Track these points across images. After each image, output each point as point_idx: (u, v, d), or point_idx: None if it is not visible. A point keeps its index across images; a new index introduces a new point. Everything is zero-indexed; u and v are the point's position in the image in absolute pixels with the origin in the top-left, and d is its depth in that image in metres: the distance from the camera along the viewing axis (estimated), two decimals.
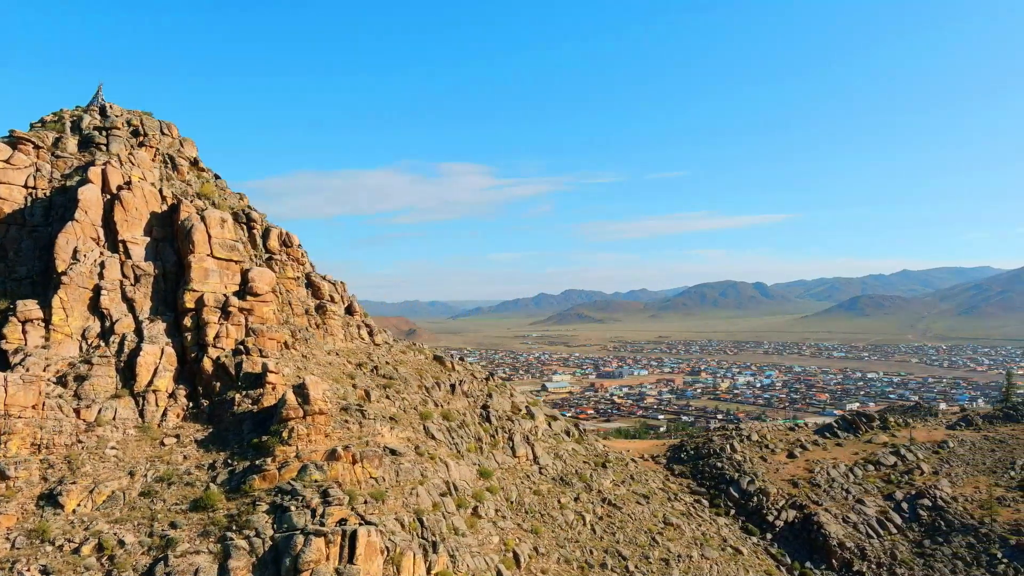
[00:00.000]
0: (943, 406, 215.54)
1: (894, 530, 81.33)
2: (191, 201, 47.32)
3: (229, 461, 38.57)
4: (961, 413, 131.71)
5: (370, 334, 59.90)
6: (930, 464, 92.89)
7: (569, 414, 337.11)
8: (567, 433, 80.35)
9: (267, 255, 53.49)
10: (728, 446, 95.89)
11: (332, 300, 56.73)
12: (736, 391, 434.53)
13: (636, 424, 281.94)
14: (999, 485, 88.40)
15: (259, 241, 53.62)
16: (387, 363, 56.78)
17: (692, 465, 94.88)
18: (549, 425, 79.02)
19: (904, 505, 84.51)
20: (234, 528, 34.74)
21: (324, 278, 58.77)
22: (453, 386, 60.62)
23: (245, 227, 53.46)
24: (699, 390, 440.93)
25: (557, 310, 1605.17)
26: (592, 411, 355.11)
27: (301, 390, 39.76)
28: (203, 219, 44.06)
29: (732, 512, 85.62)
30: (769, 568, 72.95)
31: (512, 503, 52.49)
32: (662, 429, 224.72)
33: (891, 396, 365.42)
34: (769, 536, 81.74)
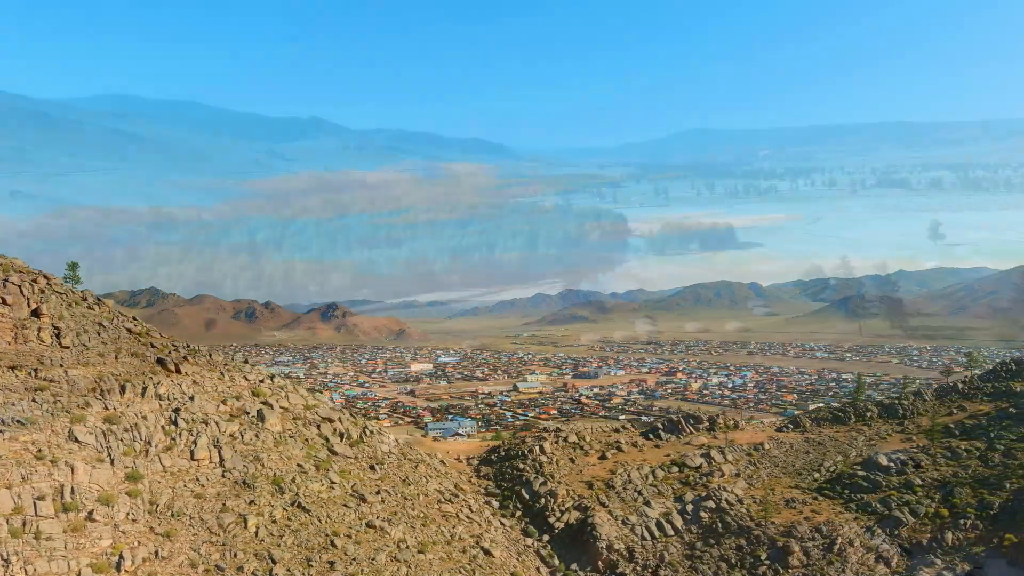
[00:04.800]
0: None
1: (672, 532, 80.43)
2: None
3: None
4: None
5: (58, 337, 59.77)
6: (736, 466, 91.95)
7: (531, 414, 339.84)
8: (341, 436, 79.96)
9: None
10: (537, 447, 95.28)
11: (3, 302, 56.64)
12: (706, 391, 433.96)
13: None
14: (799, 487, 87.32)
15: None
16: (61, 367, 56.66)
17: (498, 466, 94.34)
18: (318, 428, 78.76)
19: (689, 507, 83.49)
20: None
21: (5, 281, 58.65)
22: (145, 389, 60.40)
23: None
24: (669, 390, 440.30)
25: (554, 310, 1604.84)
26: (555, 411, 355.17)
27: None
28: None
29: (519, 514, 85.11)
30: (519, 571, 72.24)
31: (157, 507, 52.13)
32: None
33: (861, 396, 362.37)
34: (547, 538, 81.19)
